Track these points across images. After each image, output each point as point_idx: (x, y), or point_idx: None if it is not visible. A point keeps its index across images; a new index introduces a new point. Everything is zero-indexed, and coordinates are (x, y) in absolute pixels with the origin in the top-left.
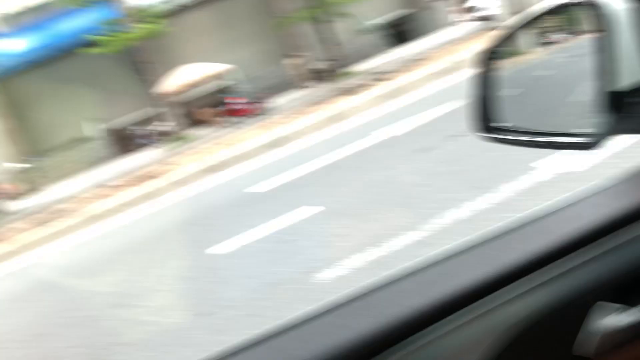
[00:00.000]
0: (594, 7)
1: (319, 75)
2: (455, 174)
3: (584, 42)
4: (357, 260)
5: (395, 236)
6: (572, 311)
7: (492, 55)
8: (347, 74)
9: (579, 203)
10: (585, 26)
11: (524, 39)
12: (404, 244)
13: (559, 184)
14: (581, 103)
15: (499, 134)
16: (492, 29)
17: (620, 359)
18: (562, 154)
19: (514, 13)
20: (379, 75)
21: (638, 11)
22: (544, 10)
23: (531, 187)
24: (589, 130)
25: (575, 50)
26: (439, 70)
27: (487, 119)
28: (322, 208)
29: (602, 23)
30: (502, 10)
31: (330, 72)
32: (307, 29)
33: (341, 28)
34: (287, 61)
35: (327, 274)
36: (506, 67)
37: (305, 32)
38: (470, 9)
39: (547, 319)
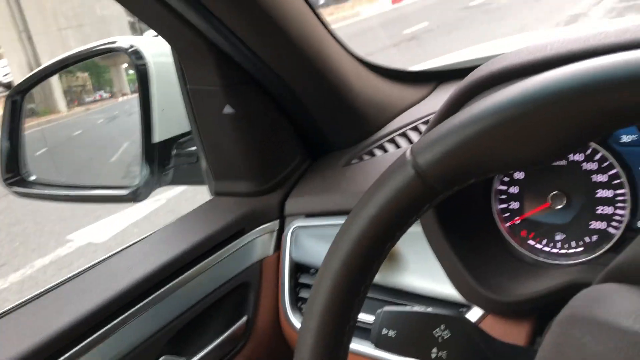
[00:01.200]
0: (130, 59)
1: None
2: None
3: (129, 98)
4: None
5: None
6: None
7: (18, 110)
8: None
9: (125, 256)
10: (126, 82)
11: (59, 94)
12: None
13: (95, 254)
14: (127, 156)
15: (32, 189)
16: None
17: None
18: (103, 225)
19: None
20: None
21: (176, 63)
22: (70, 58)
23: (65, 259)
24: (133, 183)
25: (120, 107)
26: None
27: (16, 173)
28: None
29: (140, 75)
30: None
31: None
32: None
33: None
34: None
35: None
36: (43, 122)
37: None
38: None
39: None
